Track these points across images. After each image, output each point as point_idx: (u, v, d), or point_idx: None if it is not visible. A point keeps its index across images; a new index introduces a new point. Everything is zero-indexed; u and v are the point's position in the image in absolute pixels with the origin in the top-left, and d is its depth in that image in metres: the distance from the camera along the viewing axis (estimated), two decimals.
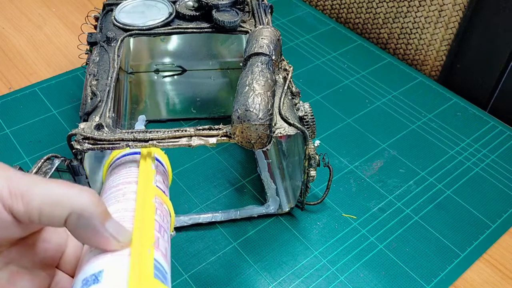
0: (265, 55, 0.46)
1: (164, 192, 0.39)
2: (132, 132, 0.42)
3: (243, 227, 0.53)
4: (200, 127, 0.43)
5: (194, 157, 0.60)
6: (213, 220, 0.53)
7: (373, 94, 0.70)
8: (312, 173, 0.48)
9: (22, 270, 0.30)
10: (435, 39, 0.74)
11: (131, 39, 0.63)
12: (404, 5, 0.76)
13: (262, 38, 0.47)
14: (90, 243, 0.29)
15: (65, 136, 0.61)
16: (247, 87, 0.42)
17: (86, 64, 0.55)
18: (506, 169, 0.60)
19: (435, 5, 0.72)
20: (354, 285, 0.49)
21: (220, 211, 0.54)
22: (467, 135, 0.65)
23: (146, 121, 0.63)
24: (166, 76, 0.67)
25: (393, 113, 0.67)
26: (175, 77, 0.67)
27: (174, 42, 0.65)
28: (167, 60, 0.66)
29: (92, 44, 0.54)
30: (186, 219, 0.53)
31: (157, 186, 0.38)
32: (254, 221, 0.54)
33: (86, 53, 0.57)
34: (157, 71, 0.67)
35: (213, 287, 0.48)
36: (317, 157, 0.47)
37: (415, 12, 0.75)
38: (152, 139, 0.42)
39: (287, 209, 0.54)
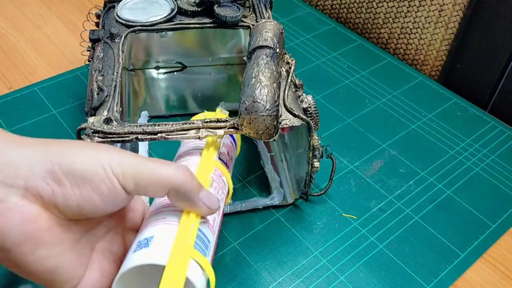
0: (270, 48, 0.46)
1: (226, 163, 0.43)
2: (141, 126, 0.43)
3: (243, 227, 0.53)
4: (208, 119, 0.44)
5: None
6: None
7: (373, 94, 0.70)
8: (316, 164, 0.49)
9: (117, 236, 0.36)
10: (435, 39, 0.74)
11: (131, 36, 0.63)
12: (404, 5, 0.76)
13: (265, 32, 0.48)
14: (186, 209, 0.35)
15: (65, 136, 0.61)
16: (253, 79, 0.43)
17: (89, 60, 0.55)
18: (506, 169, 0.60)
19: (435, 5, 0.72)
20: (354, 285, 0.49)
21: None
22: (467, 135, 0.65)
23: (148, 117, 0.64)
24: (166, 73, 0.67)
25: (393, 113, 0.67)
26: (176, 73, 0.68)
27: (174, 38, 0.65)
28: (167, 56, 0.67)
29: (94, 41, 0.54)
30: None
31: (219, 159, 0.43)
32: (254, 221, 0.54)
33: (88, 50, 0.57)
34: (157, 67, 0.67)
35: None
36: (320, 148, 0.48)
37: (415, 12, 0.75)
38: (161, 132, 0.42)
39: (292, 200, 0.55)
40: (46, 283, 0.32)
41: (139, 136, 0.42)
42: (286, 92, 0.47)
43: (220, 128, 0.43)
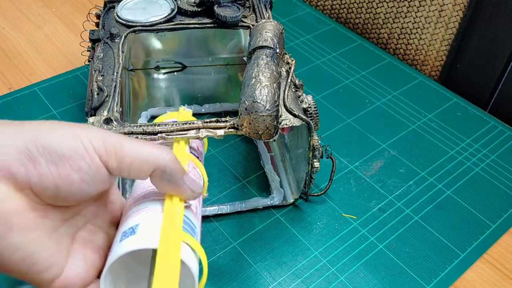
0: (270, 48, 0.46)
1: (198, 157, 0.42)
2: (141, 126, 0.43)
3: (243, 227, 0.53)
4: (208, 120, 0.44)
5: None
6: (219, 212, 0.53)
7: (373, 94, 0.70)
8: (316, 164, 0.49)
9: (97, 229, 0.34)
10: (435, 39, 0.74)
11: (132, 36, 0.63)
12: (404, 5, 0.76)
13: (266, 32, 0.48)
14: (170, 193, 0.34)
15: None
16: (253, 79, 0.43)
17: (89, 60, 0.55)
18: (506, 169, 0.60)
19: (435, 5, 0.72)
20: (354, 285, 0.49)
21: (226, 204, 0.54)
22: (467, 135, 0.65)
23: (148, 117, 0.64)
24: (166, 73, 0.67)
25: (393, 113, 0.67)
26: (176, 73, 0.68)
27: (174, 38, 0.65)
28: (167, 56, 0.67)
29: (94, 41, 0.54)
30: None
31: (190, 152, 0.42)
32: (254, 221, 0.54)
33: (88, 50, 0.57)
34: (157, 68, 0.67)
35: (212, 287, 0.48)
36: (320, 148, 0.48)
37: (415, 12, 0.75)
38: (161, 132, 0.42)
39: (292, 201, 0.55)
40: (21, 275, 0.30)
41: (139, 136, 0.42)
42: (286, 92, 0.47)
43: (220, 128, 0.43)
